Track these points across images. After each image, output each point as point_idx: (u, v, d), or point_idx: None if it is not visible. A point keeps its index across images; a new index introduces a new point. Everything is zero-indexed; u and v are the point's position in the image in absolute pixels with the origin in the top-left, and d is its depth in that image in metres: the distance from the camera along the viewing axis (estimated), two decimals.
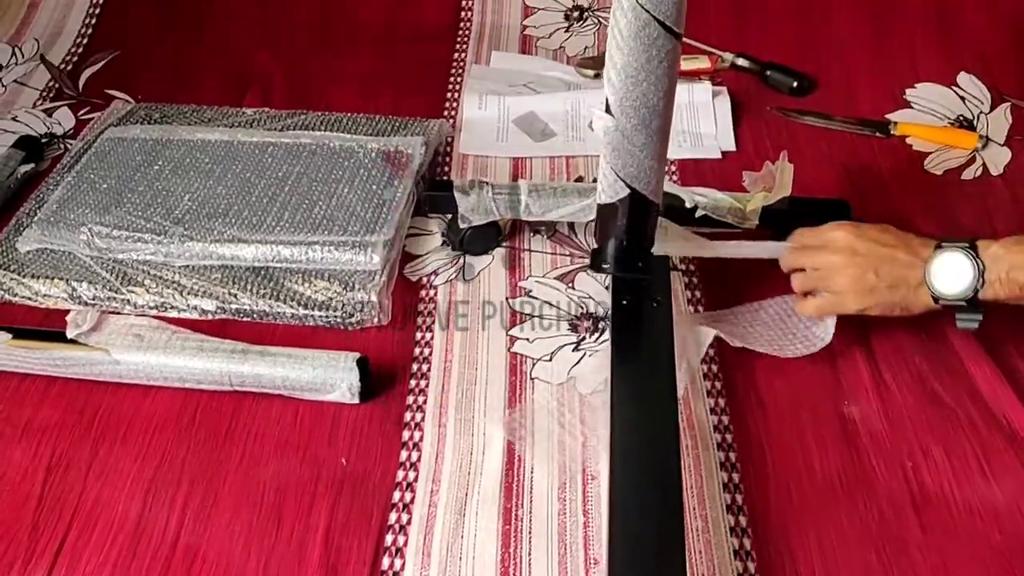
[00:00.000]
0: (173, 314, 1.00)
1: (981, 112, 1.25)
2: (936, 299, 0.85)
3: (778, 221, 0.99)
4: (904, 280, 0.86)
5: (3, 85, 1.33)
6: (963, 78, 1.30)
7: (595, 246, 0.94)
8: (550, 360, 0.94)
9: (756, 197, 0.99)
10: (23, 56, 1.38)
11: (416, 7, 1.46)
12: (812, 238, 0.92)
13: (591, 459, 0.85)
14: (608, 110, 0.78)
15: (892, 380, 0.91)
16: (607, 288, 1.00)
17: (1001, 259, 0.82)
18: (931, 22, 1.39)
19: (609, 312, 0.95)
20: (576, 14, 1.45)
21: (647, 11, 0.71)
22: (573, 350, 0.95)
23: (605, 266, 0.92)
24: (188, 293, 1.00)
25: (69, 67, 1.37)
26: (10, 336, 0.93)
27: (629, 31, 0.72)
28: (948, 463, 0.85)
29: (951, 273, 0.84)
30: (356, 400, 0.90)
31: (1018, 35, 1.36)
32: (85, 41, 1.42)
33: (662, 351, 0.85)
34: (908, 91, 1.29)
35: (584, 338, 0.96)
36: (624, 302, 0.91)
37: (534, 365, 0.94)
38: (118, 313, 0.99)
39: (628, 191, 0.83)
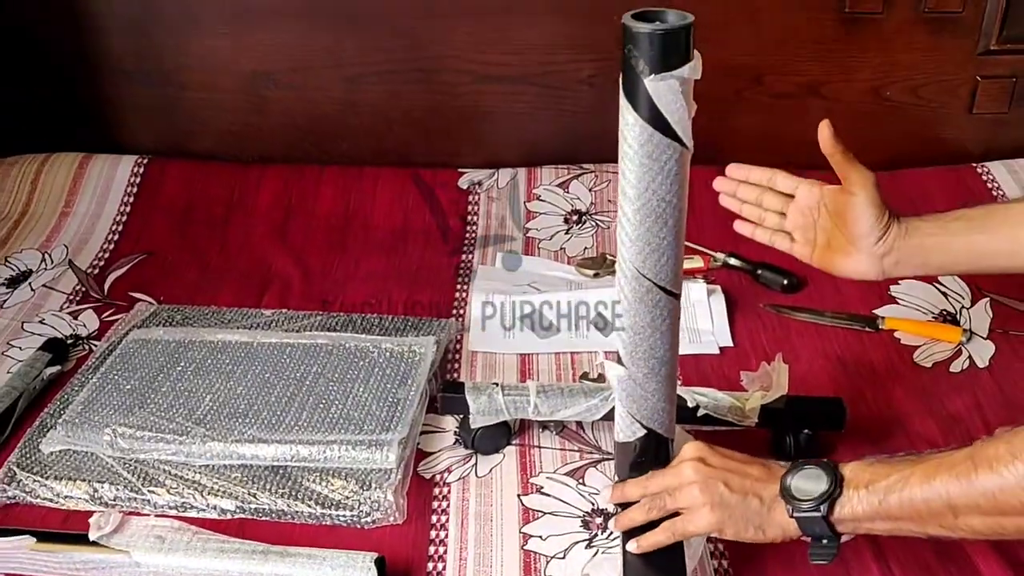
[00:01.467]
0: (192, 514, 1.02)
1: (963, 307, 1.32)
2: (792, 512, 0.80)
3: (776, 419, 1.04)
4: (756, 492, 0.82)
5: (32, 289, 1.39)
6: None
7: (616, 478, 0.97)
8: (563, 558, 0.96)
9: (754, 396, 1.04)
10: (52, 262, 1.46)
11: (426, 213, 1.56)
12: (657, 474, 0.88)
13: None
14: (619, 360, 0.85)
15: (900, 573, 0.93)
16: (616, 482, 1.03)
17: (860, 471, 0.80)
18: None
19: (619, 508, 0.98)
20: (575, 218, 1.55)
21: (649, 280, 0.79)
22: (586, 547, 0.97)
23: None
24: (208, 493, 1.02)
25: (95, 271, 1.44)
26: (34, 540, 0.94)
27: (634, 295, 0.80)
28: None
29: (806, 481, 0.81)
30: None
31: None
32: (112, 247, 1.50)
33: (675, 550, 0.87)
34: (892, 287, 1.36)
35: (596, 535, 0.98)
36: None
37: (548, 563, 0.95)
38: (138, 513, 1.01)
39: (644, 431, 0.88)
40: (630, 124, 0.73)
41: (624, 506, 0.90)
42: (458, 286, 1.40)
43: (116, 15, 1.59)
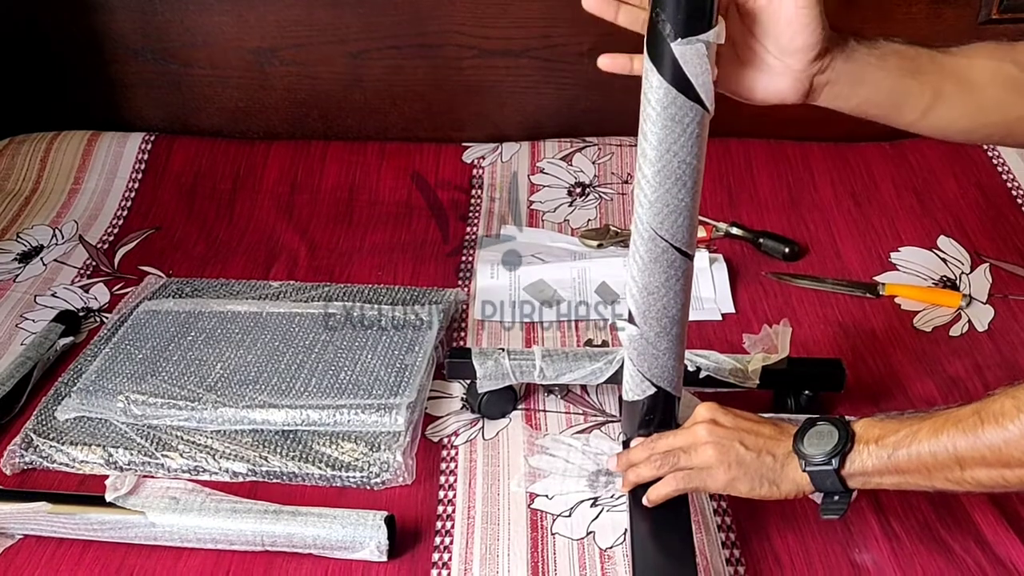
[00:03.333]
0: (205, 477, 1.04)
1: (962, 272, 1.34)
2: (805, 467, 0.82)
3: (778, 380, 1.06)
4: (770, 450, 0.85)
5: (44, 264, 1.41)
6: (943, 241, 1.40)
7: (622, 438, 1.00)
8: (569, 516, 0.98)
9: (756, 358, 1.06)
10: (63, 237, 1.47)
11: (431, 187, 1.57)
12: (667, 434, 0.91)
13: None
14: (631, 320, 0.87)
15: (900, 528, 0.95)
16: (623, 444, 1.04)
17: (870, 428, 0.82)
18: (908, 190, 1.50)
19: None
20: (578, 190, 1.56)
21: (666, 240, 0.81)
22: (591, 506, 0.99)
23: None
24: (220, 457, 1.04)
25: (105, 246, 1.46)
26: (50, 506, 0.96)
27: (650, 256, 0.82)
28: None
29: (818, 437, 0.83)
30: (384, 558, 0.93)
31: (988, 201, 1.47)
32: (121, 222, 1.51)
33: (679, 503, 0.89)
34: (892, 254, 1.38)
35: (600, 495, 1.00)
36: None
37: (554, 521, 0.97)
38: (152, 477, 1.03)
39: (655, 389, 0.91)
40: (654, 86, 0.75)
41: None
42: (463, 256, 1.42)
43: None
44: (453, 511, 1.00)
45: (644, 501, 0.89)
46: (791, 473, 0.84)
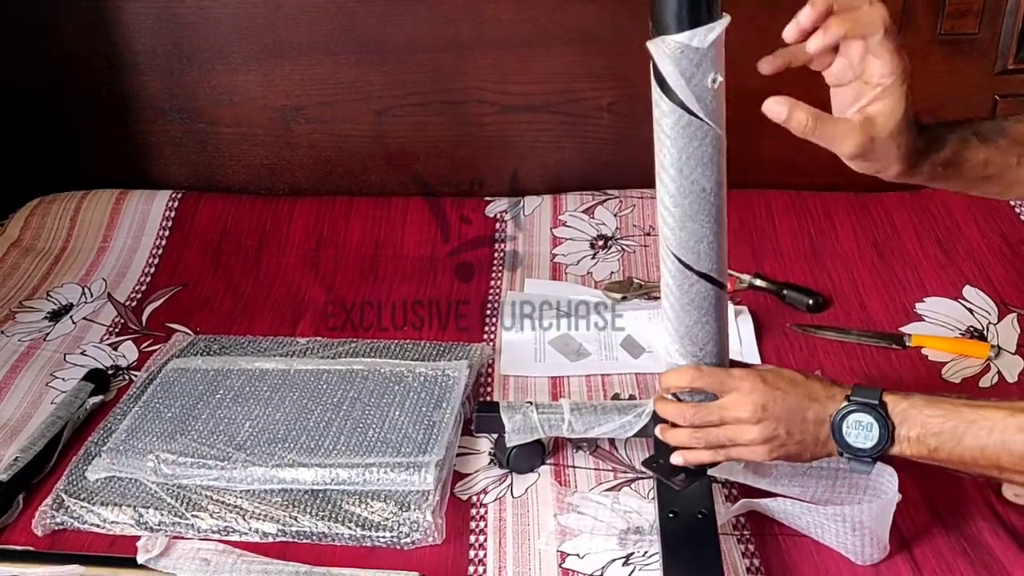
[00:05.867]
0: (235, 538, 1.04)
1: (989, 323, 1.33)
2: (842, 453, 0.88)
3: None
4: (813, 435, 0.89)
5: (73, 322, 1.43)
6: (969, 291, 1.39)
7: (653, 461, 0.99)
8: (601, 575, 0.97)
9: None
10: (92, 295, 1.49)
11: (454, 241, 1.59)
12: (711, 380, 0.92)
13: None
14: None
15: None
16: (651, 500, 1.04)
17: (912, 420, 0.86)
18: (930, 240, 1.51)
19: (654, 524, 0.99)
20: (601, 243, 1.57)
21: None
22: (623, 564, 0.98)
23: (677, 478, 0.96)
24: (250, 517, 1.04)
25: (133, 303, 1.48)
26: (83, 568, 0.96)
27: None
28: None
29: (859, 431, 0.87)
30: None
31: (1012, 250, 1.47)
32: (148, 279, 1.53)
33: (711, 562, 0.88)
34: (918, 305, 1.38)
35: (633, 553, 0.99)
36: (671, 515, 0.95)
37: None
38: (182, 537, 1.03)
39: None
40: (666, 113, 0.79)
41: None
42: (488, 311, 1.43)
43: (149, 54, 1.64)
44: (484, 571, 0.99)
45: (677, 460, 0.93)
46: (828, 449, 0.89)
